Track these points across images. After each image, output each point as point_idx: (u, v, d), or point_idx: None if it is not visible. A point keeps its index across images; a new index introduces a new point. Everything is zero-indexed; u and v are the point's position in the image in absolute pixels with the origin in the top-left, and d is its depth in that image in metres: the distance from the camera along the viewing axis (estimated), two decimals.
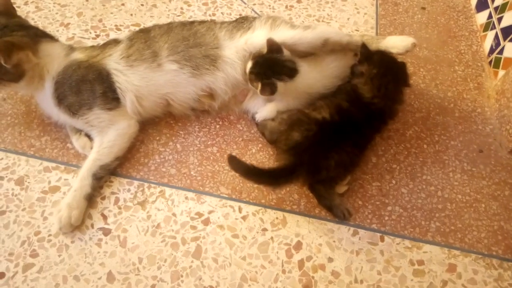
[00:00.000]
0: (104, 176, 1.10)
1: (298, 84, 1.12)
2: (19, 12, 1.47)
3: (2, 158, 1.14)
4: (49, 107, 1.13)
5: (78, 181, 1.06)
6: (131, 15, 1.52)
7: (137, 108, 1.15)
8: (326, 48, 1.17)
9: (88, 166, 1.08)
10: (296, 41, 1.14)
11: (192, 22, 1.23)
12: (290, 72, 1.11)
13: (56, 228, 1.02)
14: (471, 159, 1.22)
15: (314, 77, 1.16)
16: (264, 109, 1.18)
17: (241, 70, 1.15)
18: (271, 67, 1.09)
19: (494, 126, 1.30)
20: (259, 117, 1.19)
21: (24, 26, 1.12)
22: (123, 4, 1.55)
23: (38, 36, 1.12)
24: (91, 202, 1.07)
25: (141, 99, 1.15)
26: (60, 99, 1.10)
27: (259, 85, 1.09)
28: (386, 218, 1.10)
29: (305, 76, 1.13)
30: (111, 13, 1.52)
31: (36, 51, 1.09)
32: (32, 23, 1.42)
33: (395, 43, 1.18)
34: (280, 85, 1.10)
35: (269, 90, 1.09)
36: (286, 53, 1.12)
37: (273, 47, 1.10)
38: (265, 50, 1.11)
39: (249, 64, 1.11)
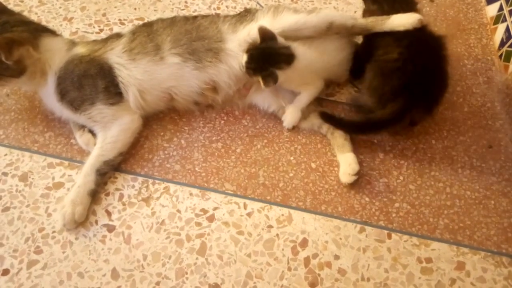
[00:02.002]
0: (107, 172, 1.09)
1: (299, 66, 1.11)
2: (22, 6, 1.47)
3: (6, 154, 1.13)
4: (52, 102, 1.12)
5: (81, 177, 1.05)
6: (135, 9, 1.51)
7: (140, 102, 1.14)
8: (331, 32, 1.16)
9: (91, 162, 1.07)
10: (301, 25, 1.13)
11: (196, 17, 1.21)
12: (287, 59, 1.09)
13: (60, 224, 1.02)
14: (481, 154, 1.20)
15: (313, 55, 1.14)
16: (287, 115, 1.18)
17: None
18: (267, 58, 1.08)
19: (504, 121, 1.27)
20: (286, 125, 1.19)
21: (24, 22, 1.11)
22: None
23: (39, 31, 1.11)
24: (95, 198, 1.06)
25: (144, 93, 1.13)
26: (62, 94, 1.09)
27: (260, 79, 1.08)
28: (394, 215, 1.08)
29: (303, 57, 1.12)
30: (115, 7, 1.51)
31: (36, 46, 1.08)
32: (35, 17, 1.42)
33: (400, 21, 1.16)
34: (280, 73, 1.08)
35: (272, 81, 1.08)
36: (279, 39, 1.10)
37: (266, 35, 1.08)
38: (258, 40, 1.09)
39: (244, 58, 1.09)
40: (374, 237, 1.04)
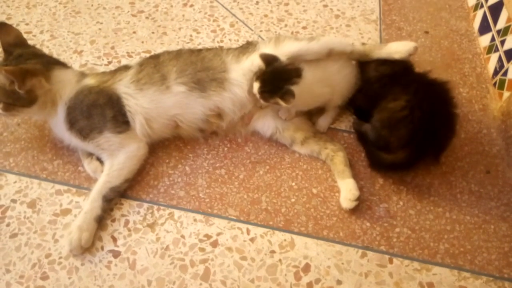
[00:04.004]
0: (114, 198, 1.12)
1: (306, 81, 1.13)
2: (35, 40, 1.54)
3: (15, 182, 1.16)
4: (61, 131, 1.16)
5: (88, 203, 1.08)
6: (142, 42, 1.57)
7: (147, 130, 1.18)
8: (332, 57, 1.21)
9: (98, 188, 1.10)
10: (303, 52, 1.17)
11: (200, 49, 1.27)
12: (296, 72, 1.13)
13: (67, 250, 1.03)
14: (479, 180, 1.22)
15: (315, 74, 1.18)
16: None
17: (248, 89, 1.18)
18: (279, 78, 1.11)
19: (500, 147, 1.30)
20: (281, 114, 1.24)
21: (37, 55, 1.17)
22: (134, 32, 1.61)
23: (51, 63, 1.17)
24: (101, 224, 1.08)
25: (150, 121, 1.17)
26: (71, 123, 1.13)
27: (278, 99, 1.10)
28: (395, 239, 1.09)
29: (308, 72, 1.15)
30: (123, 40, 1.57)
31: (48, 77, 1.13)
32: (46, 51, 1.48)
33: (397, 48, 1.21)
34: (295, 88, 1.10)
35: (290, 96, 1.08)
36: (281, 59, 1.14)
37: (269, 59, 1.12)
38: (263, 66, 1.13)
39: (257, 85, 1.12)
40: (376, 262, 1.05)
